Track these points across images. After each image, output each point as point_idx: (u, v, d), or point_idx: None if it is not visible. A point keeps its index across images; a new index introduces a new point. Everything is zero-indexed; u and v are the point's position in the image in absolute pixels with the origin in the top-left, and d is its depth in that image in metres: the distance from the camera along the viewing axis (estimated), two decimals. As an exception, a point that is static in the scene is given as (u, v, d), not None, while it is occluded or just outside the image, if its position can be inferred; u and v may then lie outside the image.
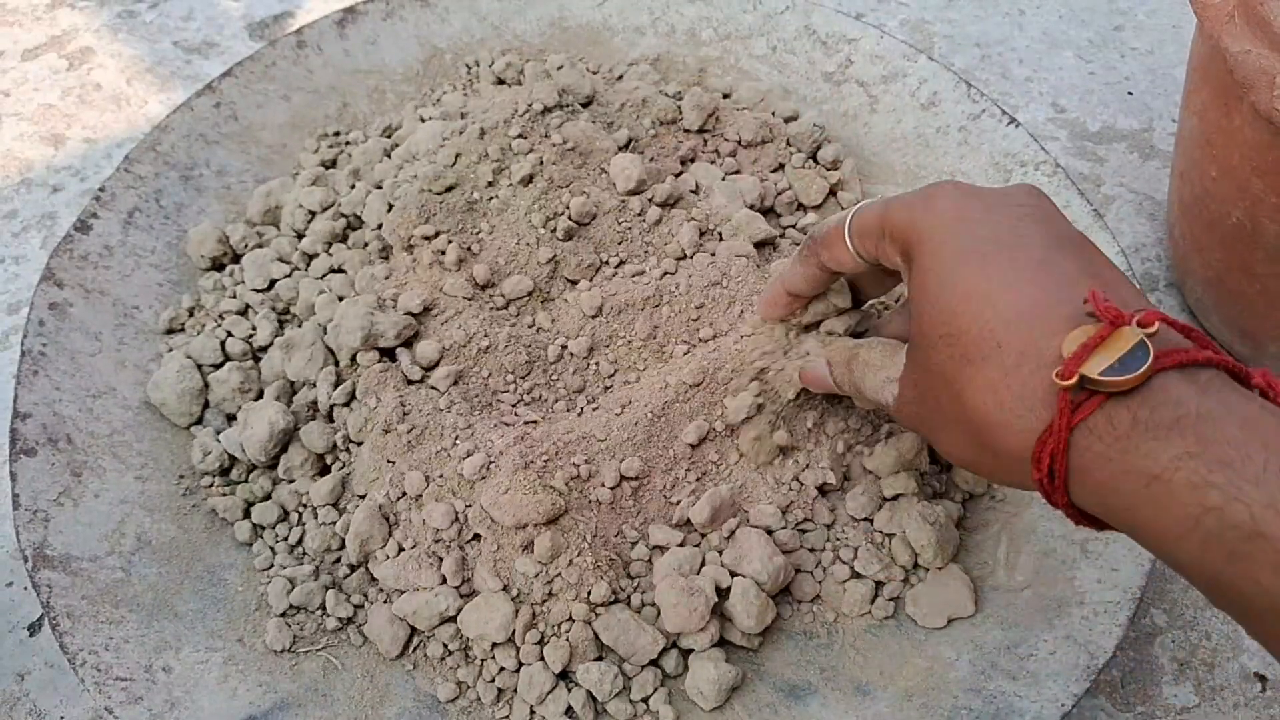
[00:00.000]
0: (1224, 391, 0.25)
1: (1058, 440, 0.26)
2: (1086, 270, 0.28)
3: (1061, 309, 0.27)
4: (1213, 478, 0.24)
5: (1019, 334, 0.27)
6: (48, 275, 0.46)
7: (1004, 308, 0.28)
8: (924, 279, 0.31)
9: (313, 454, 0.43)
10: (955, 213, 0.31)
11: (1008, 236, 0.29)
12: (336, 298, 0.47)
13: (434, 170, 0.47)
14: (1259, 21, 0.41)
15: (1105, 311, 0.26)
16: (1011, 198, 0.31)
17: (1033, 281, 0.28)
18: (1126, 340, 0.25)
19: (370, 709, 0.39)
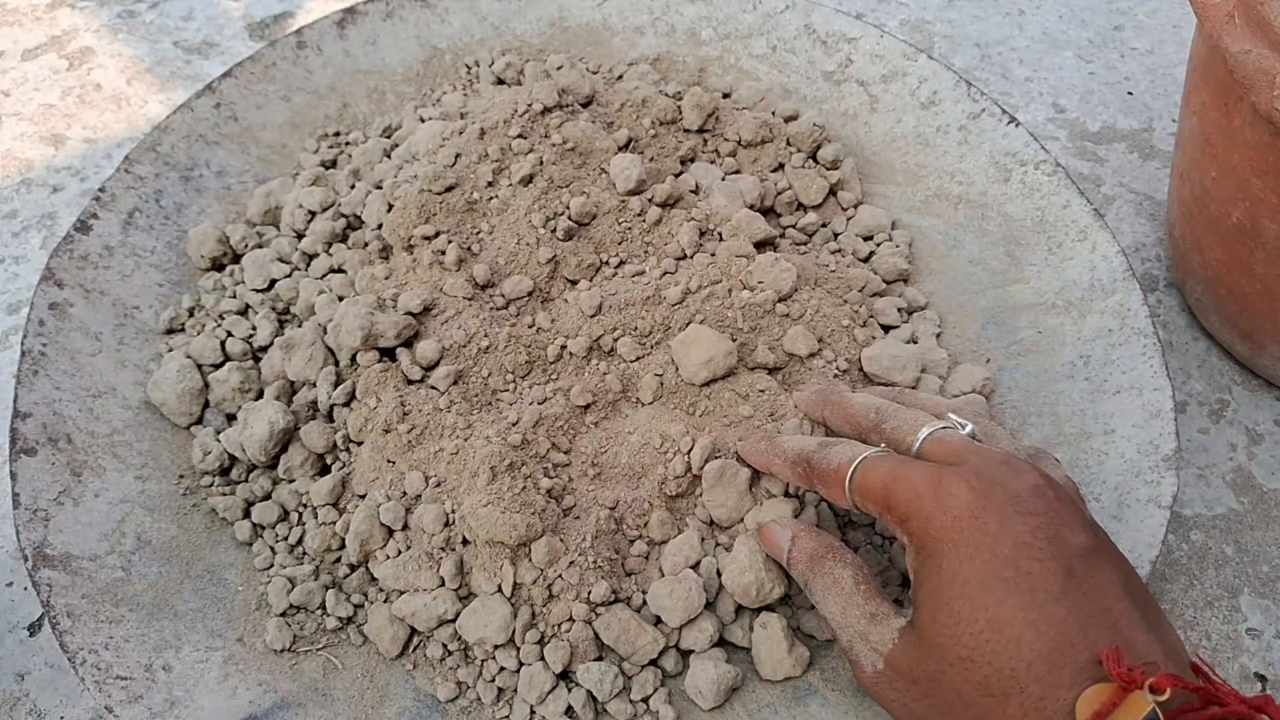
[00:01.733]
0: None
1: None
2: (1100, 607, 0.29)
3: (1078, 656, 0.28)
4: None
5: (1039, 679, 0.28)
6: (48, 275, 0.46)
7: (1026, 649, 0.28)
8: (942, 591, 0.31)
9: (313, 454, 0.43)
10: (971, 522, 0.31)
11: (1026, 562, 0.30)
12: (336, 298, 0.47)
13: (434, 170, 0.47)
14: (1259, 21, 0.41)
15: (1119, 673, 0.27)
16: (1023, 504, 0.31)
17: (1051, 622, 0.29)
18: (1139, 708, 0.26)
19: (370, 709, 0.39)
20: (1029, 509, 0.31)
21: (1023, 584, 0.29)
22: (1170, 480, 0.41)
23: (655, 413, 0.44)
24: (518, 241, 0.47)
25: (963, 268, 0.52)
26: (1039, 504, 0.31)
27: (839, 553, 0.36)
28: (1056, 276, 0.49)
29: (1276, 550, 0.47)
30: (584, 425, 0.43)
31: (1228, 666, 0.44)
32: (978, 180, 0.53)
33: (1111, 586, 0.30)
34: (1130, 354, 0.45)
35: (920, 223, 0.54)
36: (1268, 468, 0.50)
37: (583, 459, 0.42)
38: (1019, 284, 0.50)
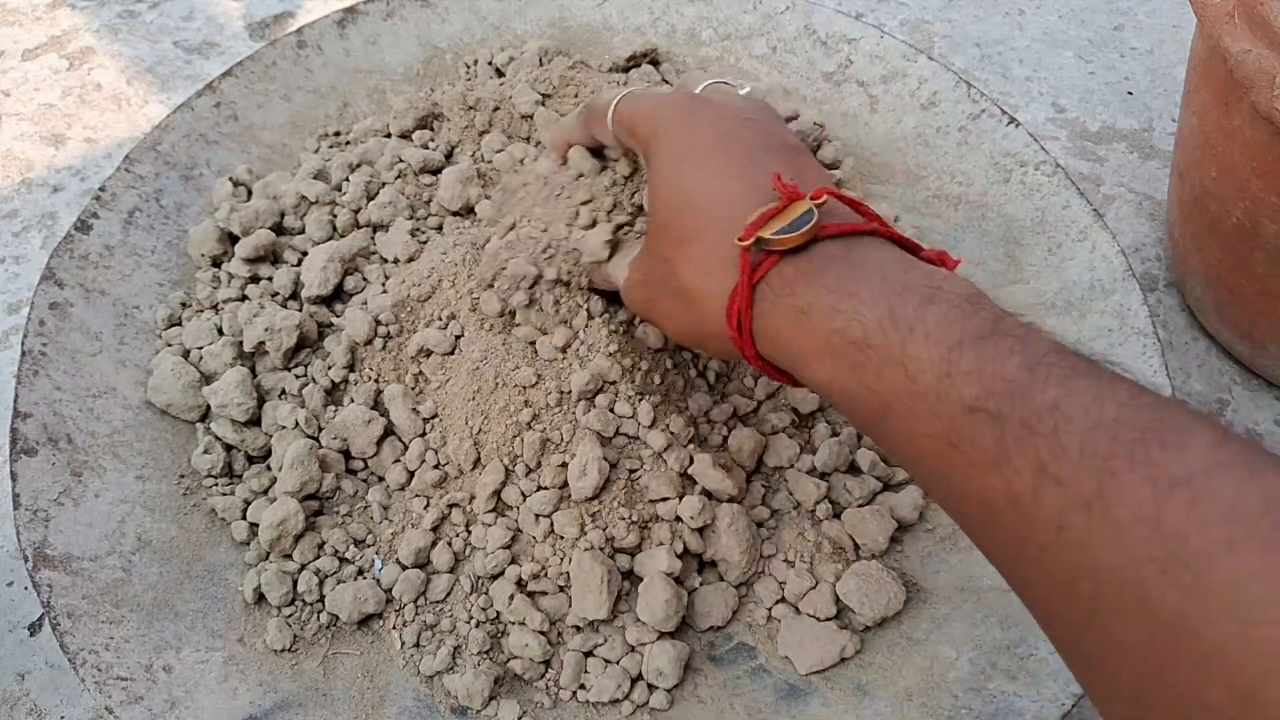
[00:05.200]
0: (879, 250, 0.30)
1: (743, 295, 0.30)
2: (788, 166, 0.33)
3: (758, 195, 0.32)
4: (840, 305, 0.28)
5: (721, 216, 0.32)
6: (48, 275, 0.46)
7: (712, 197, 0.32)
8: (653, 174, 0.35)
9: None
10: (684, 119, 0.35)
11: (729, 140, 0.34)
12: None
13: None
14: (1259, 21, 0.41)
15: (784, 189, 0.31)
16: (739, 109, 0.35)
17: (740, 177, 0.32)
18: (798, 209, 0.30)
19: (370, 709, 0.39)
20: (743, 113, 0.35)
21: (719, 156, 0.33)
22: (1170, 480, 0.41)
23: None
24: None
25: (963, 268, 0.51)
26: (755, 111, 0.36)
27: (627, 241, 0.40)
28: (1056, 276, 0.49)
29: (1276, 550, 0.47)
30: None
31: (1228, 666, 0.44)
32: (978, 180, 0.53)
33: (808, 160, 0.34)
34: (1130, 354, 0.45)
35: (920, 223, 0.54)
36: (1268, 468, 0.50)
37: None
38: (1019, 284, 0.50)
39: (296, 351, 0.46)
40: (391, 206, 0.49)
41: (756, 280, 0.30)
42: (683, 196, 0.33)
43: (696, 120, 0.35)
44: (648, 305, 0.37)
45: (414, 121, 0.53)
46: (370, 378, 0.44)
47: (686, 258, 0.33)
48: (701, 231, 0.32)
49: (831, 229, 0.30)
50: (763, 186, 0.32)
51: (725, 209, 0.32)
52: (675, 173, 0.34)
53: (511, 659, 0.40)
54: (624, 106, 0.38)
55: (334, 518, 0.43)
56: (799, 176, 0.32)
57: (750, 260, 0.30)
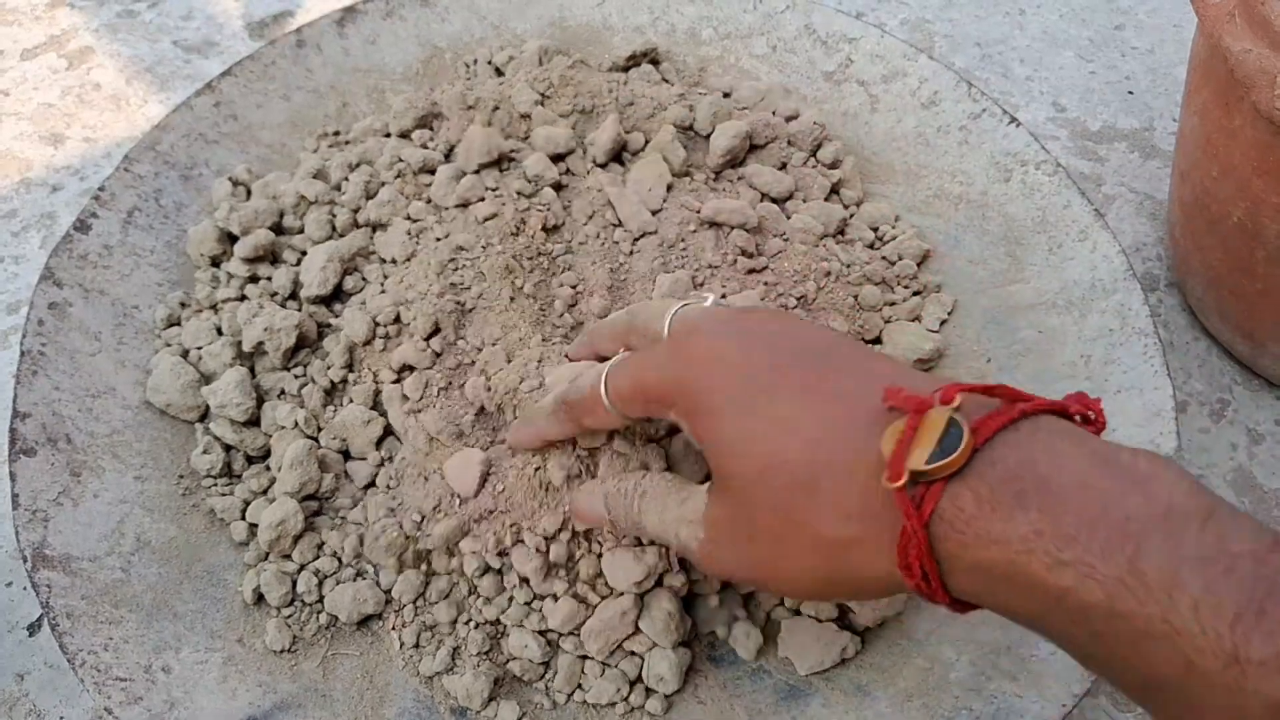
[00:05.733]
0: (1053, 441, 0.25)
1: (917, 541, 0.25)
2: (862, 370, 0.29)
3: (864, 415, 0.27)
4: (1064, 556, 0.23)
5: (837, 450, 0.27)
6: (47, 275, 0.46)
7: (811, 430, 0.28)
8: (715, 426, 0.30)
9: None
10: (715, 363, 0.31)
11: (779, 369, 0.30)
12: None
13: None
14: (1260, 21, 0.41)
15: (906, 402, 0.26)
16: (760, 328, 0.31)
17: (824, 398, 0.28)
18: (938, 422, 0.25)
19: (370, 709, 0.38)
20: (766, 331, 0.31)
21: (783, 384, 0.29)
22: (1171, 480, 0.41)
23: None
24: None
25: (963, 267, 0.52)
26: (774, 323, 0.32)
27: (648, 475, 0.36)
28: (1057, 276, 0.49)
29: (1277, 550, 0.47)
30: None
31: (1228, 667, 0.43)
32: (978, 180, 0.53)
33: (868, 354, 0.30)
34: (1131, 354, 0.45)
35: (921, 222, 0.53)
36: (1268, 467, 0.50)
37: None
38: (1019, 284, 0.50)
39: (296, 351, 0.46)
40: (390, 206, 0.49)
41: (926, 520, 0.25)
42: (771, 438, 0.28)
43: (727, 357, 0.31)
44: (750, 566, 0.31)
45: (413, 121, 0.53)
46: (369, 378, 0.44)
47: (817, 507, 0.27)
48: (823, 474, 0.27)
49: (984, 429, 0.25)
50: (864, 401, 0.28)
51: (836, 442, 0.27)
52: (747, 415, 0.29)
53: (510, 660, 0.40)
54: (620, 382, 0.34)
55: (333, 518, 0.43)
56: (892, 379, 0.28)
57: (912, 502, 0.25)
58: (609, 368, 0.34)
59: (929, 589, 0.26)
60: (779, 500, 0.28)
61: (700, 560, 0.33)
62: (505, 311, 0.44)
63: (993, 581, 0.25)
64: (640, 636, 0.39)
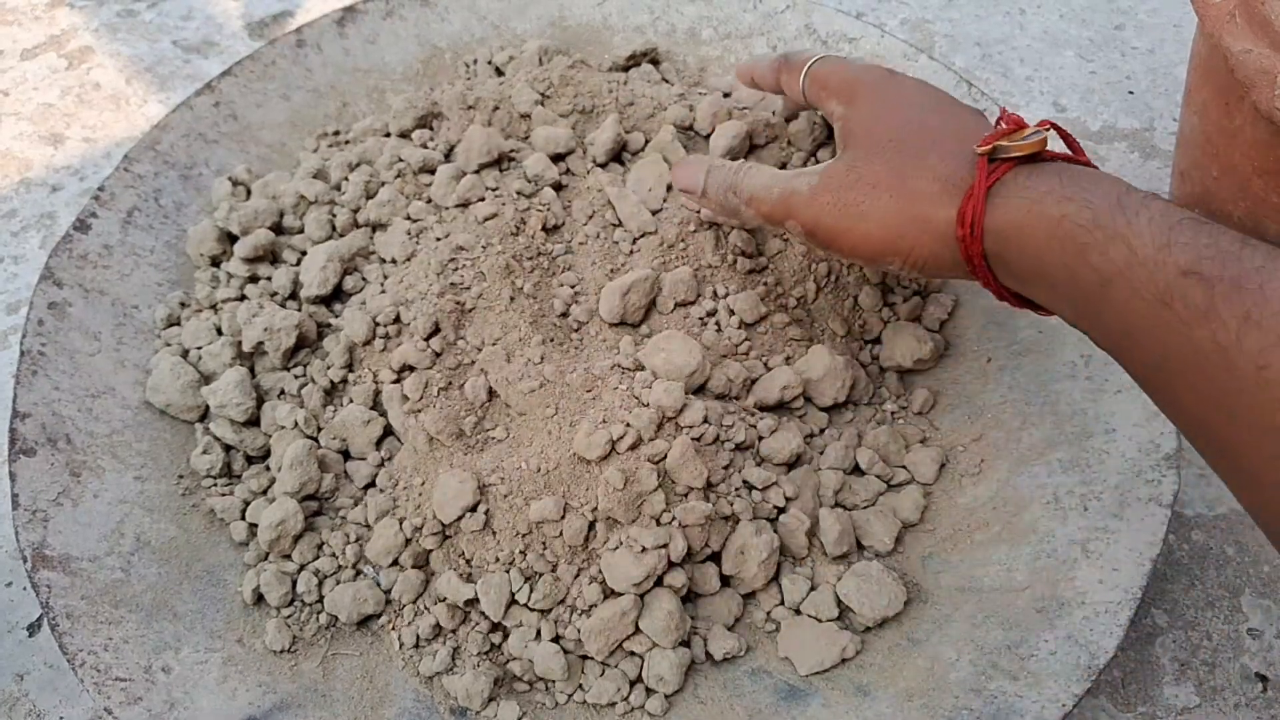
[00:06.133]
0: (1098, 173, 0.33)
1: (979, 195, 0.34)
2: (985, 115, 0.39)
3: (980, 127, 0.38)
4: (1072, 195, 0.32)
5: (952, 139, 0.37)
6: (47, 275, 0.46)
7: (941, 127, 0.38)
8: (872, 108, 0.40)
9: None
10: (889, 81, 0.41)
11: (936, 97, 0.40)
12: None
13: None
14: (1260, 21, 0.41)
15: (1010, 119, 0.35)
16: (927, 84, 0.41)
17: (961, 116, 0.39)
18: (1027, 130, 0.35)
19: (370, 709, 0.38)
20: (933, 86, 0.41)
21: (932, 103, 0.39)
22: (1171, 479, 0.41)
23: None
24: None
25: (963, 267, 0.52)
26: (940, 92, 0.41)
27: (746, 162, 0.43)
28: (1057, 276, 0.49)
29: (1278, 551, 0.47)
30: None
31: (1228, 666, 0.43)
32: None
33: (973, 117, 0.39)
34: (1131, 354, 0.45)
35: (921, 222, 0.53)
36: (1269, 468, 0.50)
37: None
38: (1020, 284, 0.50)
39: (295, 351, 0.46)
40: (390, 206, 0.49)
41: (992, 183, 0.34)
42: (911, 120, 0.38)
43: (901, 82, 0.41)
44: (841, 209, 0.38)
45: (413, 121, 0.53)
46: (369, 378, 0.44)
47: (921, 166, 0.36)
48: (935, 147, 0.36)
49: (1051, 155, 0.35)
50: (982, 123, 0.37)
51: (956, 132, 0.37)
52: (901, 103, 0.39)
53: (510, 660, 0.39)
54: (821, 67, 0.43)
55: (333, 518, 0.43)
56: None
57: (986, 166, 0.34)
58: (819, 57, 0.44)
59: (970, 238, 0.34)
60: (894, 160, 0.37)
61: (805, 202, 0.39)
62: (505, 311, 0.44)
63: (1017, 219, 0.33)
64: (640, 636, 0.39)
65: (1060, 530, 0.41)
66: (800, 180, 0.40)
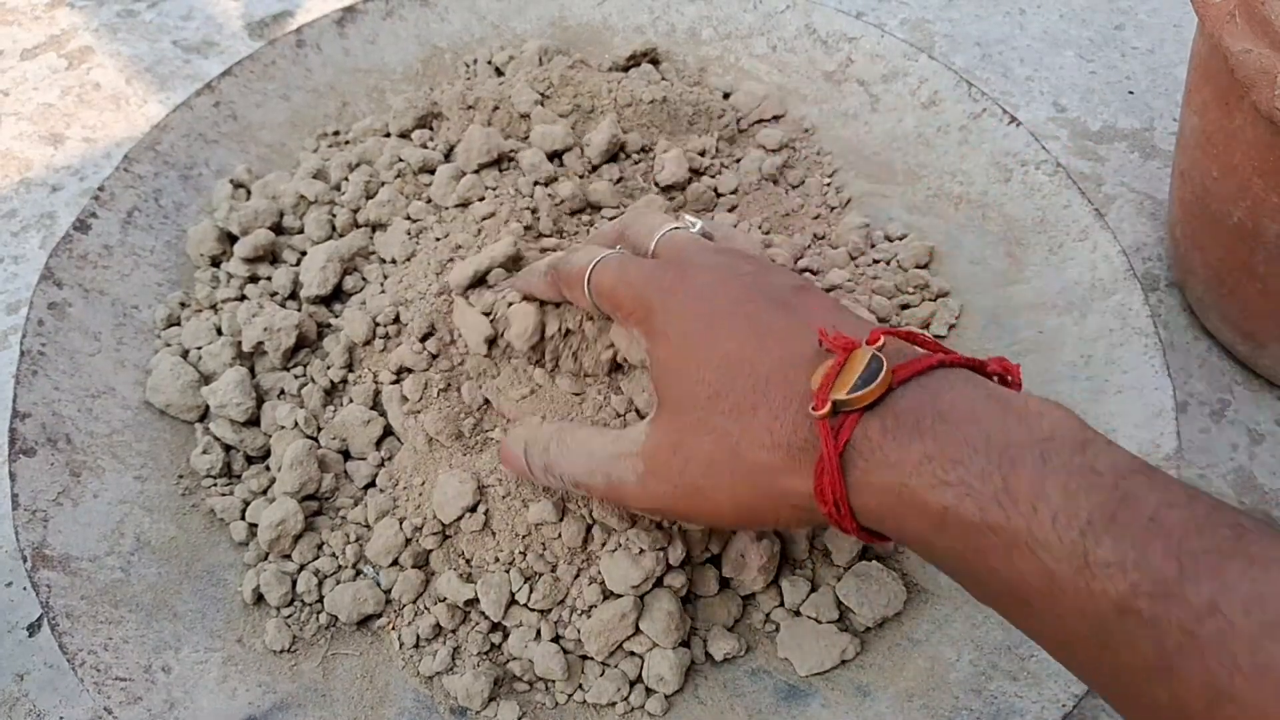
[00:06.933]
0: (961, 388, 0.27)
1: (831, 468, 0.27)
2: (815, 316, 0.31)
3: (806, 352, 0.30)
4: (947, 477, 0.25)
5: (779, 383, 0.30)
6: (47, 275, 0.46)
7: (761, 365, 0.30)
8: (672, 351, 0.33)
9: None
10: (680, 291, 0.33)
11: (741, 302, 0.32)
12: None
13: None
14: (1260, 21, 0.41)
15: (836, 341, 0.29)
16: (734, 269, 0.34)
17: (777, 337, 0.31)
18: (861, 360, 0.28)
19: (370, 709, 0.38)
20: (738, 271, 0.34)
21: (743, 319, 0.32)
22: (1171, 480, 0.41)
23: None
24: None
25: (963, 268, 0.52)
26: (747, 267, 0.34)
27: (570, 425, 0.38)
28: (1057, 276, 0.49)
29: (1277, 550, 0.47)
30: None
31: (1228, 667, 0.43)
32: (978, 180, 0.53)
33: (825, 306, 0.32)
34: (1131, 354, 0.45)
35: (921, 222, 0.53)
36: (1269, 468, 0.50)
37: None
38: (1020, 284, 0.50)
39: (295, 351, 0.46)
40: (390, 206, 0.49)
41: (842, 448, 0.27)
42: (728, 364, 0.31)
43: (695, 289, 0.33)
44: (679, 495, 0.32)
45: (413, 121, 0.53)
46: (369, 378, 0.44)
47: (752, 432, 0.30)
48: (762, 402, 0.30)
49: (902, 371, 0.27)
50: (806, 342, 0.30)
51: (779, 375, 0.30)
52: (697, 345, 0.32)
53: (510, 660, 0.39)
54: (602, 279, 0.36)
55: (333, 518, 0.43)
56: (833, 321, 0.30)
57: (830, 428, 0.27)
58: (597, 261, 0.37)
59: (839, 515, 0.28)
60: (718, 425, 0.31)
61: (636, 494, 0.34)
62: None
63: (889, 504, 0.27)
64: (640, 636, 0.39)
65: (1060, 530, 0.41)
66: (623, 467, 0.33)
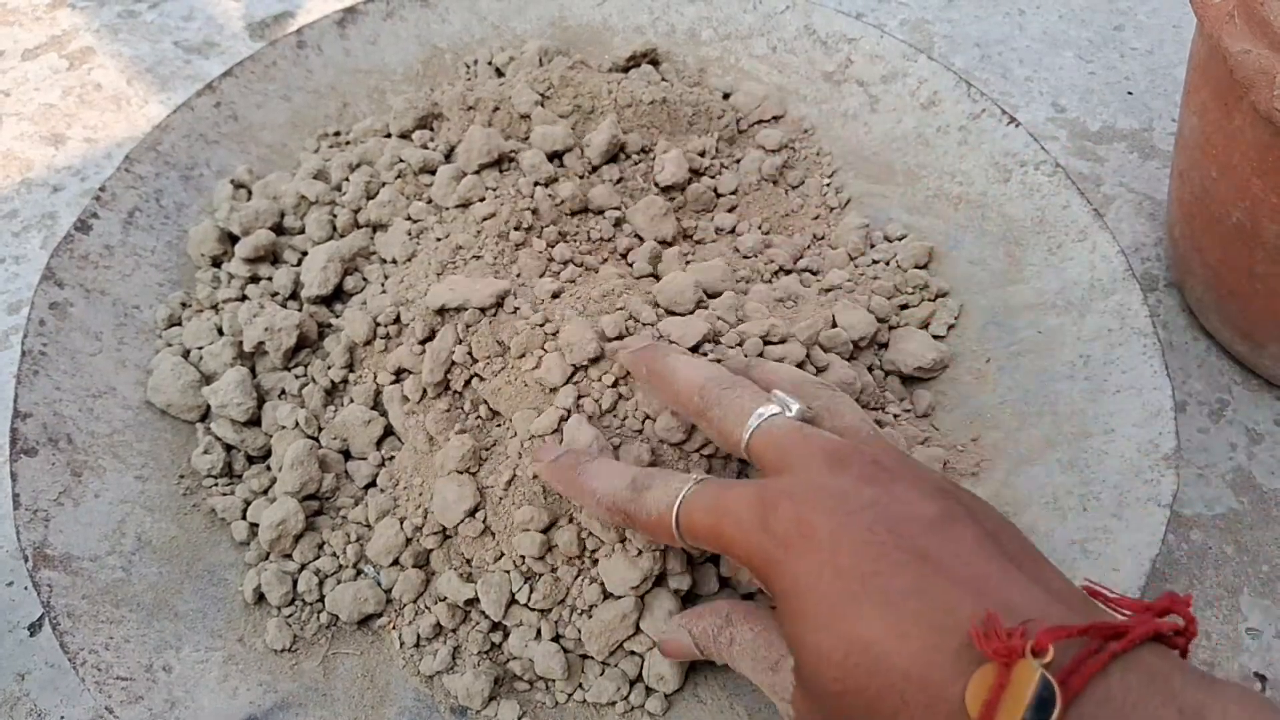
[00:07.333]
0: (1145, 693, 0.24)
1: None
2: (963, 579, 0.26)
3: (952, 644, 0.25)
4: None
5: (921, 684, 0.25)
6: (48, 275, 0.46)
7: (897, 659, 0.26)
8: (799, 625, 0.28)
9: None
10: (803, 543, 0.28)
11: (870, 565, 0.27)
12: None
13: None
14: (1259, 21, 0.41)
15: (995, 653, 0.24)
16: (853, 500, 0.29)
17: (915, 620, 0.26)
18: (1028, 681, 0.23)
19: (370, 709, 0.39)
20: (861, 503, 0.28)
21: (873, 592, 0.27)
22: (1170, 479, 0.41)
23: None
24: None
25: (963, 268, 0.52)
26: (871, 492, 0.29)
27: (734, 613, 0.34)
28: (1056, 276, 0.49)
29: (1276, 550, 0.47)
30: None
31: (1227, 666, 0.44)
32: (978, 180, 0.53)
33: (972, 551, 0.27)
34: (1130, 354, 0.45)
35: (920, 223, 0.54)
36: (1268, 467, 0.50)
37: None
38: (1019, 284, 0.50)
39: (296, 351, 0.46)
40: (391, 206, 0.49)
41: None
42: (857, 664, 0.26)
43: (816, 534, 0.28)
44: None
45: (414, 121, 0.53)
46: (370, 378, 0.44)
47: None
48: (901, 709, 0.26)
49: (1077, 683, 0.23)
50: (948, 630, 0.25)
51: (924, 679, 0.25)
52: (834, 630, 0.27)
53: (511, 659, 0.40)
54: (699, 525, 0.31)
55: (334, 518, 0.43)
56: (981, 586, 0.26)
57: None
58: (682, 499, 0.32)
59: None
60: (846, 715, 0.27)
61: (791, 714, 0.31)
62: None
63: None
64: (640, 636, 0.39)
65: (1059, 530, 0.41)
66: (779, 704, 0.32)
